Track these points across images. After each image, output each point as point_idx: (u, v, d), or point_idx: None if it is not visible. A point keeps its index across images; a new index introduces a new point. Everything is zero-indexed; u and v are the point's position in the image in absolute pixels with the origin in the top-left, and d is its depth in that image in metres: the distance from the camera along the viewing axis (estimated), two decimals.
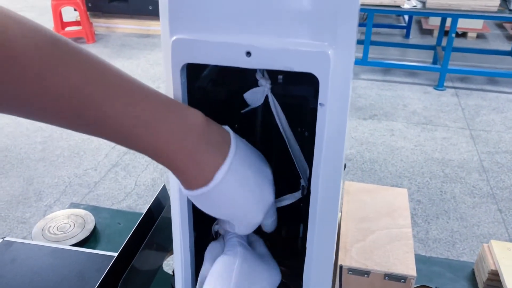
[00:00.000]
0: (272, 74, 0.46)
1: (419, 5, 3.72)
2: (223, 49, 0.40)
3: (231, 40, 0.39)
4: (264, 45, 0.39)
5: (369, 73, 4.21)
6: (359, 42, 3.89)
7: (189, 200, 0.48)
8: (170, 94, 0.44)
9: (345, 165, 0.52)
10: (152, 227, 0.87)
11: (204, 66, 0.48)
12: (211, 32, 0.40)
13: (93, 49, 4.68)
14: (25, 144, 3.01)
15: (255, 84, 0.46)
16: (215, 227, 0.51)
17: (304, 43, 0.39)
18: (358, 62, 4.00)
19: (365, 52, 3.98)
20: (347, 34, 0.39)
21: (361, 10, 3.95)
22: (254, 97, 0.45)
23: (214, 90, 0.49)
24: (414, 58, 4.58)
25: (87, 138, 3.00)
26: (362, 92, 3.82)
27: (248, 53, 0.39)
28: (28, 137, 3.10)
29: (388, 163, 2.83)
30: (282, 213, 0.51)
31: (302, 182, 0.48)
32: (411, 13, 4.33)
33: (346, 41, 0.39)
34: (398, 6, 3.69)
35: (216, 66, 0.48)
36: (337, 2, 0.38)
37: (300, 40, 0.39)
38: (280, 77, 0.48)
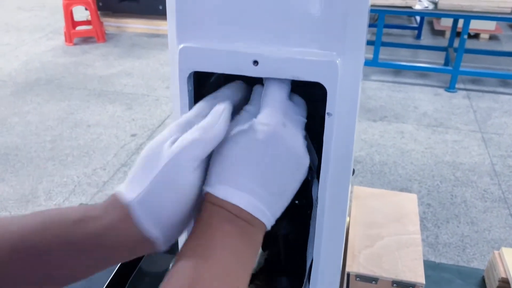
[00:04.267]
0: None
1: (430, 6, 3.68)
2: (230, 57, 0.40)
3: (238, 49, 0.39)
4: (271, 54, 0.39)
5: (380, 74, 4.18)
6: (369, 42, 3.86)
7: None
8: (177, 101, 0.44)
9: (353, 171, 0.51)
10: None
11: (211, 73, 0.48)
12: (218, 41, 0.40)
13: (104, 49, 4.72)
14: (35, 143, 3.04)
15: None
16: None
17: (312, 52, 0.38)
18: (368, 63, 3.98)
19: (376, 53, 3.95)
20: (355, 43, 0.38)
21: (372, 11, 3.92)
22: None
23: None
24: (425, 59, 4.53)
25: (96, 137, 3.02)
26: (372, 94, 3.79)
27: (255, 62, 0.39)
28: (38, 136, 3.13)
29: (398, 165, 2.81)
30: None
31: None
32: (422, 14, 4.30)
33: (354, 50, 0.39)
34: (410, 7, 3.66)
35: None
36: (346, 11, 0.37)
37: (308, 49, 0.38)
38: None
